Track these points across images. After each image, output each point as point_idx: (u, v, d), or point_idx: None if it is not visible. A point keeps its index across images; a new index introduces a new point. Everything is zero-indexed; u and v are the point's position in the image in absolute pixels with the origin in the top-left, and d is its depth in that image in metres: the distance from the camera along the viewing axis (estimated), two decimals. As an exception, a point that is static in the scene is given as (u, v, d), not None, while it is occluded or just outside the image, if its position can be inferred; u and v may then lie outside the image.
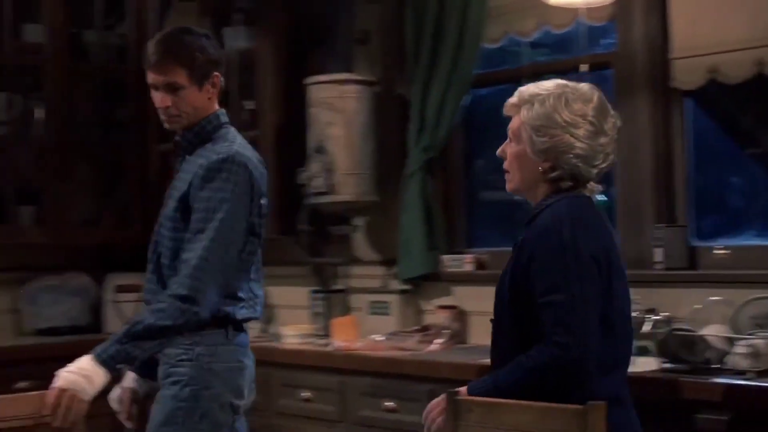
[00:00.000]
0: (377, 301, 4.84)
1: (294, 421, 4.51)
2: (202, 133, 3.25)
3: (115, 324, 5.17)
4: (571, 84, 2.78)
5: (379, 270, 4.97)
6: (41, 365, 3.10)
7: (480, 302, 4.52)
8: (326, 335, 4.78)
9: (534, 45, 4.60)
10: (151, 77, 3.20)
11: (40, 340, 5.26)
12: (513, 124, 2.81)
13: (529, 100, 2.75)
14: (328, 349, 4.55)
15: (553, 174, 2.73)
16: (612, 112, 2.79)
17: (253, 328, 5.03)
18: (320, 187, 4.80)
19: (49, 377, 2.93)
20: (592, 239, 2.63)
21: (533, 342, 2.60)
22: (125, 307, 5.43)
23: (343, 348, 4.47)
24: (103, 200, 5.82)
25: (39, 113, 5.50)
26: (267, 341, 4.93)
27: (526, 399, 2.58)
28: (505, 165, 2.85)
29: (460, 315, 4.60)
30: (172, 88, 3.18)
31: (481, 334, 4.49)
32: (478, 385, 2.70)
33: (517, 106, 2.79)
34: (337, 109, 4.79)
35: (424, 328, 4.59)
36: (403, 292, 4.77)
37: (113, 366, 2.96)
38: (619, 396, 2.64)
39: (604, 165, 2.75)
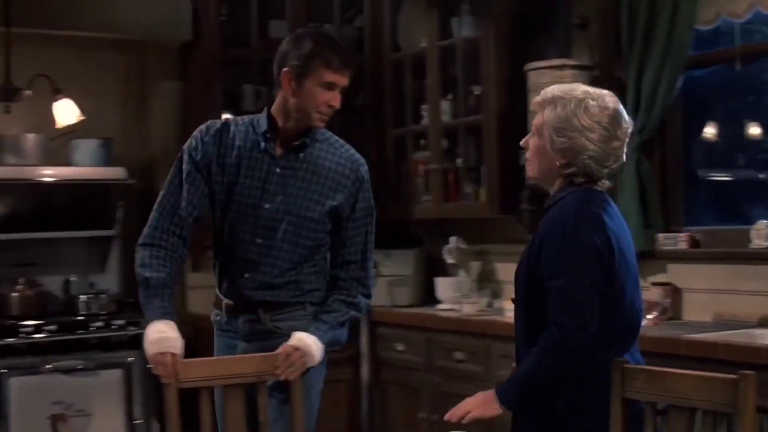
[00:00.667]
0: (595, 277, 4.94)
1: (510, 390, 4.70)
2: (313, 135, 3.45)
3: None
4: (592, 90, 2.93)
5: (598, 248, 5.07)
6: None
7: (694, 280, 4.61)
8: (546, 310, 4.94)
9: (746, 25, 4.60)
10: (339, 78, 3.35)
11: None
12: (536, 121, 2.99)
13: (552, 102, 2.92)
14: (544, 323, 4.73)
15: (569, 170, 2.92)
16: (626, 118, 2.92)
17: (478, 303, 5.32)
18: (539, 168, 4.96)
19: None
20: (595, 230, 2.80)
21: (542, 324, 2.80)
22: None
23: (556, 322, 4.64)
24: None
25: (284, 103, 5.91)
26: (490, 315, 5.19)
27: (550, 382, 2.79)
28: (527, 155, 3.04)
29: (674, 292, 4.67)
30: (342, 90, 3.41)
31: (694, 310, 4.59)
32: (505, 384, 2.89)
33: (542, 105, 2.96)
34: (555, 94, 4.94)
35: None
36: (619, 269, 4.85)
37: (328, 348, 3.37)
38: None
39: (615, 165, 2.93)
